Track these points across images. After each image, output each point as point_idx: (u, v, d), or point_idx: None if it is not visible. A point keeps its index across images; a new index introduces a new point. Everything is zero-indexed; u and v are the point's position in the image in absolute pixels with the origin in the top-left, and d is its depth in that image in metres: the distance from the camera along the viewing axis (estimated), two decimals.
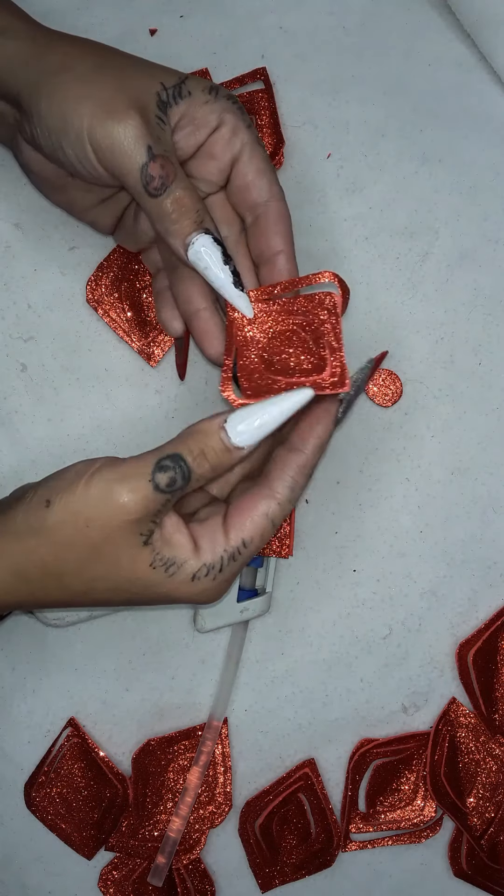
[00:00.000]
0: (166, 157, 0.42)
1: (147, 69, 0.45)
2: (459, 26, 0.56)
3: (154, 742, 0.52)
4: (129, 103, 0.42)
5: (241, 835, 0.53)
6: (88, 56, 0.44)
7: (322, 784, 0.53)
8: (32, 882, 0.53)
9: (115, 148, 0.42)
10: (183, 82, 0.44)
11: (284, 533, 0.51)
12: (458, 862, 0.53)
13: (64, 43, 0.45)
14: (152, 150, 0.42)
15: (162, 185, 0.42)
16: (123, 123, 0.42)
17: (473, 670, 0.52)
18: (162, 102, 0.43)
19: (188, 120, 0.45)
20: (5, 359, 0.54)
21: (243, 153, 0.45)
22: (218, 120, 0.45)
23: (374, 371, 0.47)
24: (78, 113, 0.42)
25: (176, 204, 0.43)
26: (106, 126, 0.42)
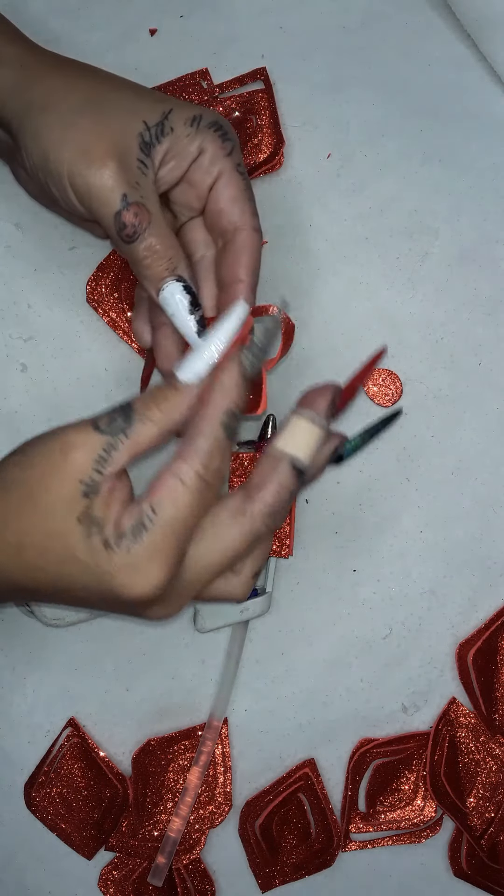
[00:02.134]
0: (140, 205, 0.43)
1: (131, 105, 0.44)
2: (459, 26, 0.56)
3: (154, 742, 0.52)
4: (108, 150, 0.43)
5: (241, 835, 0.53)
6: (73, 93, 0.44)
7: (322, 784, 0.53)
8: (32, 882, 0.53)
9: (92, 195, 0.43)
10: (166, 117, 0.44)
11: (284, 533, 0.51)
12: (458, 862, 0.53)
13: (52, 74, 0.45)
14: (127, 199, 0.43)
15: (134, 233, 0.43)
16: (100, 172, 0.43)
17: (473, 670, 0.52)
18: (145, 143, 0.44)
19: (172, 154, 0.45)
20: (5, 359, 0.54)
21: (220, 180, 0.46)
22: (198, 150, 0.45)
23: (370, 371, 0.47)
24: (59, 157, 0.43)
25: (149, 251, 0.44)
26: (84, 172, 0.43)
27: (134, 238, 0.43)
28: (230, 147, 0.46)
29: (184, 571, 0.39)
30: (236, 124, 0.55)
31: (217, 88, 0.55)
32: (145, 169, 0.44)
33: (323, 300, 0.55)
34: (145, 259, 0.44)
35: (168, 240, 0.44)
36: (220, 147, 0.45)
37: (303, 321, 0.55)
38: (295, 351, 0.54)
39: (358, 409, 0.54)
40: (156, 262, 0.44)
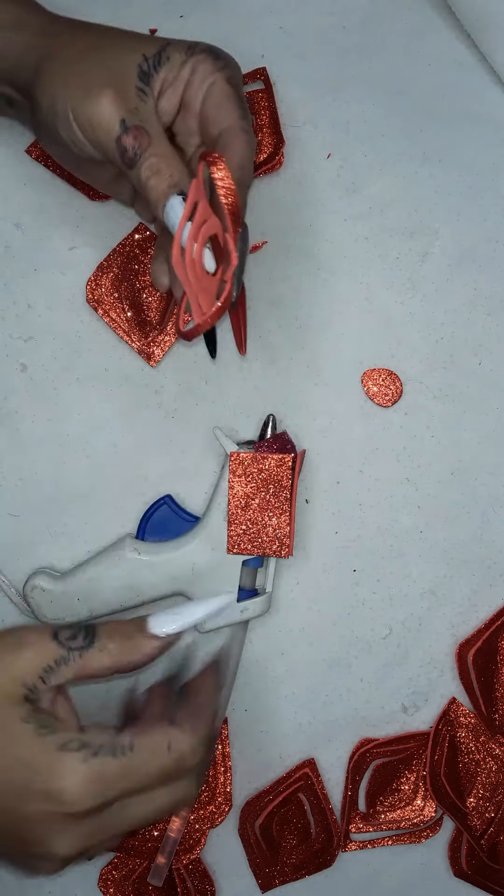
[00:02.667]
0: (139, 128, 0.44)
1: (131, 43, 0.46)
2: (459, 26, 0.56)
3: None
4: (106, 80, 0.44)
5: (240, 835, 0.53)
6: (78, 41, 0.46)
7: (322, 784, 0.53)
8: (32, 882, 0.53)
9: (94, 124, 0.44)
10: (164, 49, 0.46)
11: (284, 533, 0.51)
12: (458, 862, 0.53)
13: (63, 31, 0.47)
14: (125, 123, 0.44)
15: (136, 155, 0.44)
16: (98, 100, 0.44)
17: (473, 670, 0.52)
18: (143, 73, 0.45)
19: (169, 83, 0.46)
20: (5, 359, 0.54)
21: (209, 92, 0.46)
22: (191, 72, 0.46)
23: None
24: (63, 95, 0.45)
25: (150, 170, 0.44)
26: (84, 104, 0.44)
27: (136, 161, 0.44)
28: (221, 65, 0.46)
29: (109, 815, 0.38)
30: None
31: None
32: (144, 96, 0.45)
33: (323, 300, 0.55)
34: (148, 179, 0.44)
35: (170, 159, 0.45)
36: (212, 64, 0.46)
37: (303, 321, 0.55)
38: (295, 351, 0.54)
39: (358, 410, 0.54)
40: (159, 181, 0.44)
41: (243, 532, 0.50)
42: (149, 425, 0.54)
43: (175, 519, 0.52)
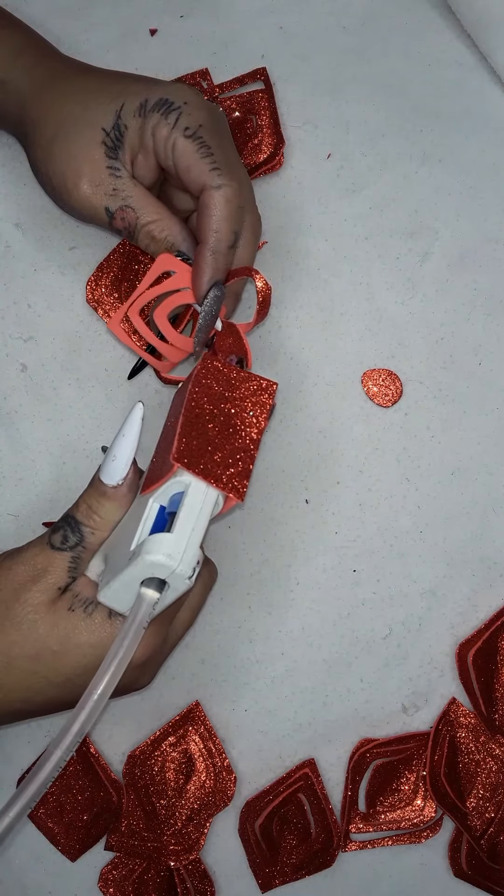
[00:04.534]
0: (124, 209, 0.47)
1: (90, 116, 0.47)
2: (459, 26, 0.56)
3: (138, 751, 0.52)
4: (78, 172, 0.47)
5: (241, 835, 0.53)
6: (49, 123, 0.48)
7: (322, 784, 0.53)
8: (32, 882, 0.53)
9: (84, 213, 0.48)
10: (119, 117, 0.47)
11: (243, 470, 0.41)
12: (458, 862, 0.53)
13: (37, 99, 0.49)
14: (109, 210, 0.47)
15: (130, 233, 0.48)
16: (78, 196, 0.47)
17: (473, 670, 0.52)
18: (110, 149, 0.47)
19: (136, 149, 0.47)
20: (5, 359, 0.54)
21: (174, 154, 0.47)
22: (151, 138, 0.47)
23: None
24: (50, 183, 0.49)
25: (147, 238, 0.48)
26: (70, 200, 0.48)
27: (133, 235, 0.48)
28: (175, 118, 0.46)
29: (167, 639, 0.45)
30: (236, 124, 0.55)
31: (217, 88, 0.55)
32: (117, 172, 0.47)
33: (323, 300, 0.55)
34: (148, 247, 0.48)
35: (161, 223, 0.48)
36: (165, 123, 0.46)
37: (303, 321, 0.55)
38: (295, 351, 0.54)
39: (358, 409, 0.54)
40: (156, 246, 0.48)
41: (193, 448, 0.40)
42: (149, 425, 0.54)
43: None
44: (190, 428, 0.41)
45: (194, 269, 0.47)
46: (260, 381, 0.43)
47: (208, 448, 0.41)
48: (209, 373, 0.43)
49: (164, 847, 0.52)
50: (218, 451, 0.41)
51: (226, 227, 0.46)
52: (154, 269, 0.48)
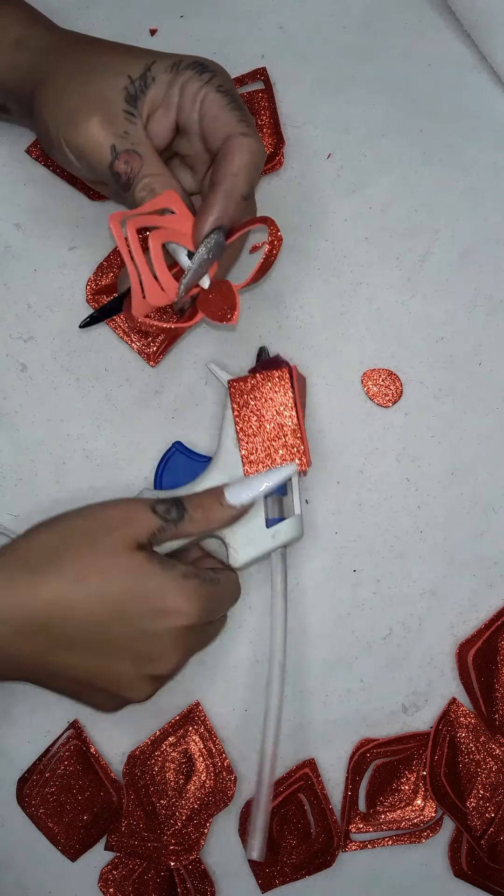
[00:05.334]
0: (130, 152, 0.45)
1: (117, 64, 0.46)
2: (459, 26, 0.56)
3: (138, 751, 0.52)
4: (92, 108, 0.45)
5: (241, 835, 0.53)
6: (66, 66, 0.47)
7: (322, 784, 0.53)
8: (32, 882, 0.53)
9: (86, 152, 0.46)
10: (149, 69, 0.46)
11: (298, 447, 0.50)
12: (458, 862, 0.53)
13: (56, 52, 0.48)
14: (116, 149, 0.45)
15: (129, 179, 0.46)
16: (86, 128, 0.45)
17: (473, 670, 0.52)
18: (130, 96, 0.46)
19: (158, 103, 0.46)
20: (5, 359, 0.54)
21: (203, 107, 0.46)
22: (180, 94, 0.46)
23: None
24: (53, 124, 0.46)
25: (145, 190, 0.46)
26: (74, 133, 0.45)
27: (130, 184, 0.46)
28: (208, 77, 0.46)
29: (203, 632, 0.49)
30: None
31: None
32: (133, 118, 0.46)
33: (323, 300, 0.55)
34: (143, 200, 0.46)
35: (163, 179, 0.46)
36: (198, 79, 0.46)
37: (303, 321, 0.55)
38: (296, 351, 0.54)
39: (358, 409, 0.54)
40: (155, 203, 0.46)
41: (257, 456, 0.50)
42: (149, 425, 0.54)
43: (189, 463, 0.52)
44: (246, 444, 0.50)
45: (202, 207, 0.46)
46: (278, 372, 0.50)
47: (267, 450, 0.50)
48: (238, 391, 0.50)
49: (164, 847, 0.52)
50: (276, 448, 0.50)
51: (245, 174, 0.45)
52: (158, 200, 0.46)
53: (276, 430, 0.50)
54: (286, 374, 0.50)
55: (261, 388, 0.50)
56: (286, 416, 0.50)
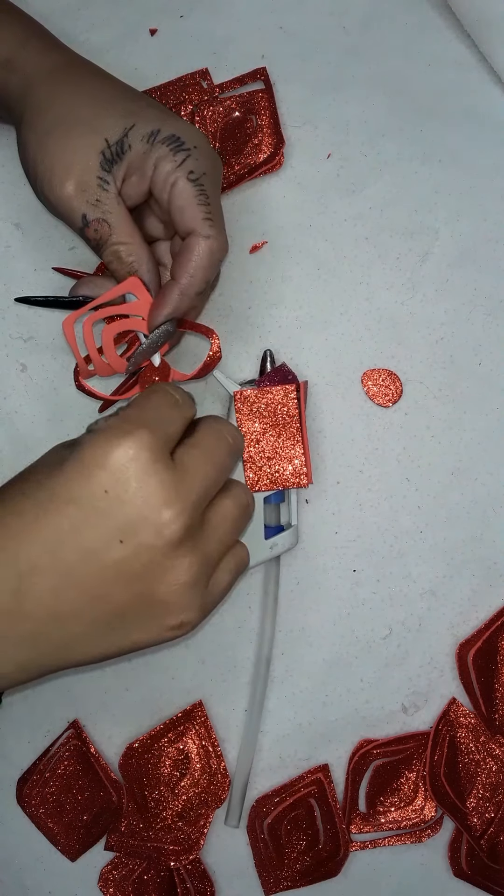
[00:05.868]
0: (100, 220, 0.47)
1: (98, 122, 0.47)
2: (459, 26, 0.56)
3: (137, 744, 0.52)
4: (69, 172, 0.46)
5: (249, 833, 0.53)
6: (50, 110, 0.47)
7: (334, 791, 0.53)
8: (32, 882, 0.53)
9: (61, 213, 0.48)
10: (126, 134, 0.46)
11: (301, 463, 0.51)
12: (458, 862, 0.53)
13: (45, 84, 0.48)
14: (87, 217, 0.47)
15: (97, 245, 0.48)
16: (61, 193, 0.47)
17: (473, 670, 0.52)
18: (106, 161, 0.47)
19: (133, 170, 0.47)
20: (5, 359, 0.54)
21: (172, 192, 0.47)
22: (153, 167, 0.47)
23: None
24: (35, 172, 0.47)
25: (112, 256, 0.48)
26: (50, 193, 0.47)
27: (100, 248, 0.48)
28: (182, 158, 0.46)
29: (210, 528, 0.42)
30: (236, 124, 0.55)
31: (217, 88, 0.55)
32: (106, 185, 0.47)
33: (323, 300, 0.55)
34: (110, 264, 0.48)
35: (131, 248, 0.48)
36: (172, 159, 0.46)
37: (303, 321, 0.55)
38: (295, 352, 0.54)
39: (358, 409, 0.54)
40: (119, 266, 0.48)
41: (259, 469, 0.51)
42: None
43: None
44: (248, 456, 0.51)
45: (158, 299, 0.48)
46: (285, 388, 0.51)
47: (269, 463, 0.51)
48: (244, 402, 0.51)
49: (164, 847, 0.52)
50: (278, 461, 0.51)
51: (201, 275, 0.47)
52: (120, 287, 0.48)
53: (280, 444, 0.51)
54: (293, 390, 0.51)
55: (267, 402, 0.51)
56: (291, 432, 0.51)
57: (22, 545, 0.39)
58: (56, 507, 0.39)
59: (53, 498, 0.39)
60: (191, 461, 0.41)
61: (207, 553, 0.41)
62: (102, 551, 0.39)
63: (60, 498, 0.39)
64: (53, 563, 0.38)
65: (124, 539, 0.39)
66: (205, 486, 0.41)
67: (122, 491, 0.39)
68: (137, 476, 0.39)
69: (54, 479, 0.39)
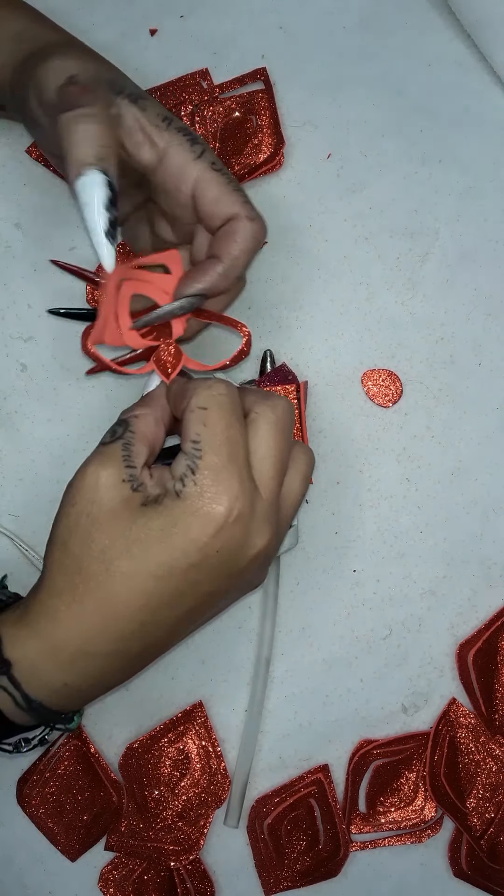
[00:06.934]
0: (88, 87, 0.42)
1: (117, 73, 0.46)
2: (459, 26, 0.56)
3: (137, 744, 0.52)
4: (84, 67, 0.43)
5: (249, 833, 0.53)
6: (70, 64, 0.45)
7: (334, 791, 0.53)
8: (32, 882, 0.53)
9: (46, 80, 0.43)
10: (142, 96, 0.45)
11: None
12: (458, 862, 0.53)
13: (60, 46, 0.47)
14: (75, 77, 0.42)
15: (74, 102, 0.42)
16: (59, 61, 0.43)
17: (473, 670, 0.52)
18: (114, 85, 0.44)
19: (140, 131, 0.44)
20: (5, 359, 0.54)
21: (198, 186, 0.45)
22: (164, 150, 0.45)
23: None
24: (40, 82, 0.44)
25: (83, 125, 0.42)
26: (46, 69, 0.43)
27: (71, 107, 0.42)
28: (200, 150, 0.45)
29: (258, 481, 0.42)
30: (236, 125, 0.55)
31: (217, 88, 0.55)
32: (113, 98, 0.44)
33: (323, 300, 0.55)
34: (76, 134, 0.41)
35: (107, 131, 0.42)
36: (189, 150, 0.45)
37: (302, 321, 0.55)
38: (295, 352, 0.54)
39: (358, 410, 0.54)
40: (85, 143, 0.42)
41: None
42: None
43: None
44: None
45: (193, 271, 0.45)
46: (285, 388, 0.50)
47: None
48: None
49: (164, 847, 0.52)
50: None
51: (244, 258, 0.45)
52: (159, 256, 0.45)
53: None
54: (293, 390, 0.51)
55: None
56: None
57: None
58: (183, 573, 0.40)
59: (178, 570, 0.40)
60: (266, 480, 0.42)
61: (280, 526, 0.44)
62: (215, 594, 0.42)
63: (182, 566, 0.40)
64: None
65: (232, 579, 0.42)
66: (278, 492, 0.43)
67: (236, 546, 0.41)
68: (244, 532, 0.41)
69: (172, 553, 0.40)
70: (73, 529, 0.41)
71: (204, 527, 0.39)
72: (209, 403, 0.41)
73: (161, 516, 0.40)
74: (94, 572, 0.40)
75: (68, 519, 0.41)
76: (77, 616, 0.40)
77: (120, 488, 0.41)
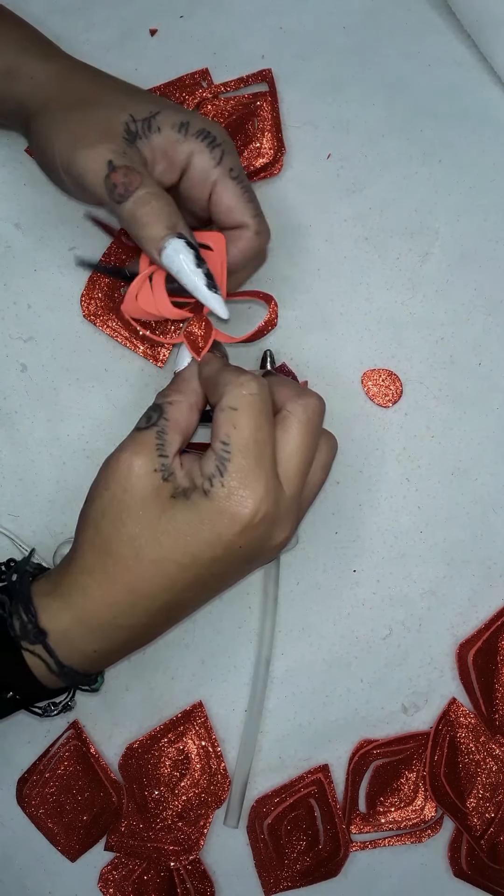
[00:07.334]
0: (129, 168, 0.44)
1: (121, 102, 0.46)
2: (459, 26, 0.56)
3: (137, 744, 0.52)
4: (96, 133, 0.44)
5: (249, 833, 0.53)
6: (67, 95, 0.46)
7: (334, 791, 0.53)
8: (32, 882, 0.53)
9: (83, 170, 0.44)
10: (153, 116, 0.45)
11: None
12: (458, 862, 0.53)
13: (53, 85, 0.47)
14: (113, 163, 0.44)
15: (126, 191, 0.43)
16: (87, 148, 0.44)
17: (473, 670, 0.52)
18: (129, 132, 0.45)
19: (161, 155, 0.46)
20: (5, 359, 0.54)
21: (215, 190, 0.46)
22: (187, 158, 0.46)
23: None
24: (52, 149, 0.46)
25: (145, 207, 0.44)
26: (73, 154, 0.45)
27: (126, 197, 0.44)
28: (219, 154, 0.46)
29: (283, 478, 0.43)
30: (236, 126, 0.55)
31: (222, 87, 0.55)
32: (130, 146, 0.45)
33: (323, 300, 0.55)
34: (142, 217, 0.43)
35: (164, 198, 0.44)
36: (209, 157, 0.46)
37: (303, 321, 0.55)
38: (295, 352, 0.54)
39: (358, 410, 0.54)
40: (153, 219, 0.43)
41: None
42: None
43: None
44: None
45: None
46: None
47: None
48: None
49: (164, 847, 0.52)
50: None
51: (252, 267, 0.49)
52: (207, 235, 0.45)
53: None
54: None
55: None
56: None
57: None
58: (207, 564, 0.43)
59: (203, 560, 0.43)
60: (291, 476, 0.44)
61: (300, 514, 0.46)
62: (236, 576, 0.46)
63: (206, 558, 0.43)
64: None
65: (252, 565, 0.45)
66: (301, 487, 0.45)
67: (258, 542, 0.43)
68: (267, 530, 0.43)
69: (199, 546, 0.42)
70: (105, 512, 0.43)
71: (230, 526, 0.42)
72: (240, 404, 0.42)
73: (189, 511, 0.42)
74: (123, 556, 0.42)
75: (101, 501, 0.43)
76: (107, 593, 0.43)
77: (151, 477, 0.43)
